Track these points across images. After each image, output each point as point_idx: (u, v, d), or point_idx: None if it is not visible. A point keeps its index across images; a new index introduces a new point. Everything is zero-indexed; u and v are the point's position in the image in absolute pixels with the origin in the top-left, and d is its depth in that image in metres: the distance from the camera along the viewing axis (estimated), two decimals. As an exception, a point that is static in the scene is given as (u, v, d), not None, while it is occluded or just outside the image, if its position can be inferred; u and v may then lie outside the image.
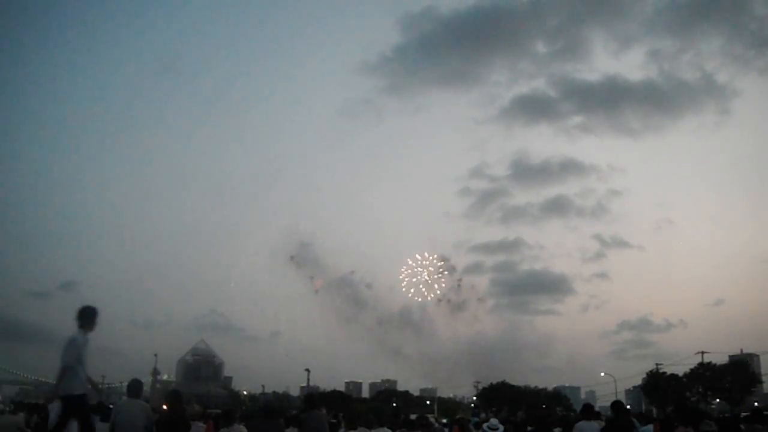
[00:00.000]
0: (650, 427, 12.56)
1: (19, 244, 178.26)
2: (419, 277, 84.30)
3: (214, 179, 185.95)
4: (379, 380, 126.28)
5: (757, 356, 77.91)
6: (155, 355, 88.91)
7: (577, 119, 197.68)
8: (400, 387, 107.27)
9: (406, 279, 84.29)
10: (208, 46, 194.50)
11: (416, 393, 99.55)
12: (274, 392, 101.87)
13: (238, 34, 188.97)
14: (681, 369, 69.83)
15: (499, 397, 77.24)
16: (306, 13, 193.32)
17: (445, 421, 25.36)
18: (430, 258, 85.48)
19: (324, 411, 15.65)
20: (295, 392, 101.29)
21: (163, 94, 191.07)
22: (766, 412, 14.40)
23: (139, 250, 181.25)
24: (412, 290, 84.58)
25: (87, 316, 8.02)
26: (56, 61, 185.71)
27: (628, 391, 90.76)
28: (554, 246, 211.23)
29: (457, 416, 24.15)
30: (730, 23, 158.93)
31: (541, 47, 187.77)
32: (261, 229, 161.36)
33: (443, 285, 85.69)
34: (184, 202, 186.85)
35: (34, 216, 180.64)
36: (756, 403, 66.61)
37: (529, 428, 14.56)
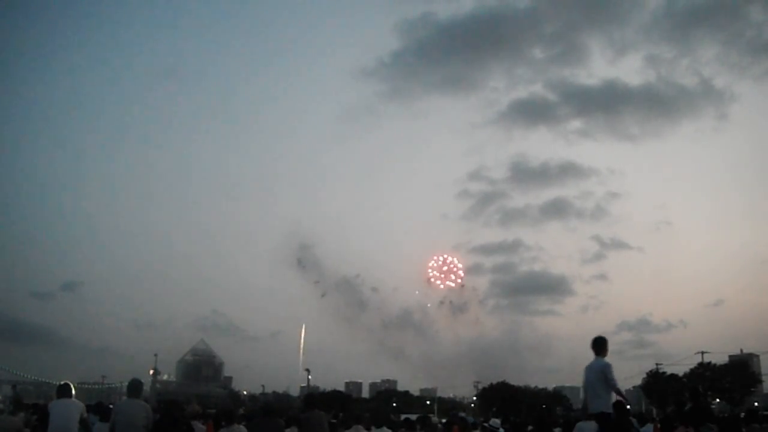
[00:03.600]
0: (650, 426, 12.61)
1: (20, 245, 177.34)
2: (423, 279, 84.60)
3: (215, 182, 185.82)
4: (379, 380, 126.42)
5: (757, 356, 77.73)
6: (155, 355, 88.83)
7: (576, 124, 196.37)
8: (400, 387, 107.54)
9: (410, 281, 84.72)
10: (209, 52, 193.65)
11: (416, 393, 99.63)
12: (274, 392, 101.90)
13: (239, 41, 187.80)
14: (681, 369, 69.94)
15: (499, 397, 77.23)
16: (305, 19, 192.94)
17: (444, 420, 25.32)
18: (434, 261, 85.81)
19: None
20: (295, 392, 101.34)
21: (162, 98, 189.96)
22: (764, 413, 14.44)
23: (140, 251, 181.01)
24: (416, 292, 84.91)
25: (601, 345, 9.21)
26: (59, 63, 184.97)
27: (627, 391, 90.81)
28: (553, 247, 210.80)
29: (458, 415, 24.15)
30: (727, 30, 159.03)
31: (538, 53, 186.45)
32: (262, 232, 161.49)
33: (445, 286, 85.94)
34: (186, 203, 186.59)
35: (36, 216, 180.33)
36: (756, 403, 66.70)
37: (529, 428, 14.58)
